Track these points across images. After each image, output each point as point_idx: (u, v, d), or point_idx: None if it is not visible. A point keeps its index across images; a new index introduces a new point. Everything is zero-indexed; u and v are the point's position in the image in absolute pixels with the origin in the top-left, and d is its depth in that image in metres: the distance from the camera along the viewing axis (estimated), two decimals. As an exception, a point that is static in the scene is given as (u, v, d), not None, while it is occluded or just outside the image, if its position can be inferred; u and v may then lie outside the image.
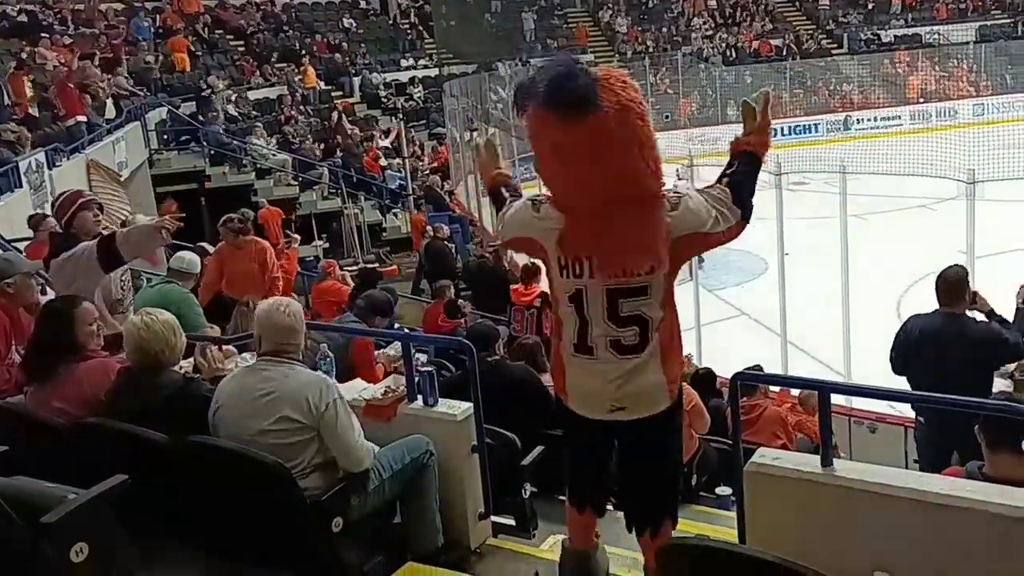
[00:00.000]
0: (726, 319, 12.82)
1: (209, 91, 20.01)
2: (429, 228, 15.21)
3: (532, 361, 5.55)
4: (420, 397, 4.01)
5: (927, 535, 2.96)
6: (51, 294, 4.79)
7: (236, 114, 20.68)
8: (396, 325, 6.60)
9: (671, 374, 3.02)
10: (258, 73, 24.38)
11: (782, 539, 3.05)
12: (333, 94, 25.18)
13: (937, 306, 5.27)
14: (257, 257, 8.02)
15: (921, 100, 28.13)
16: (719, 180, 3.01)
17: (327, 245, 17.26)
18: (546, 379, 5.38)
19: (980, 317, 5.34)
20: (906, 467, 6.18)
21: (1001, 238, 12.36)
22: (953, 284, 5.22)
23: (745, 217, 2.97)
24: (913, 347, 5.29)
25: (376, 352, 5.86)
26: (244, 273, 7.86)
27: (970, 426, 3.37)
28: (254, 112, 21.74)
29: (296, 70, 24.61)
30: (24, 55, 15.50)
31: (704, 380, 7.77)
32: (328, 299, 9.76)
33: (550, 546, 4.14)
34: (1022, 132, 16.49)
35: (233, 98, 21.48)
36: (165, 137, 18.94)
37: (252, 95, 23.05)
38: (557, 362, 3.11)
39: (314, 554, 3.38)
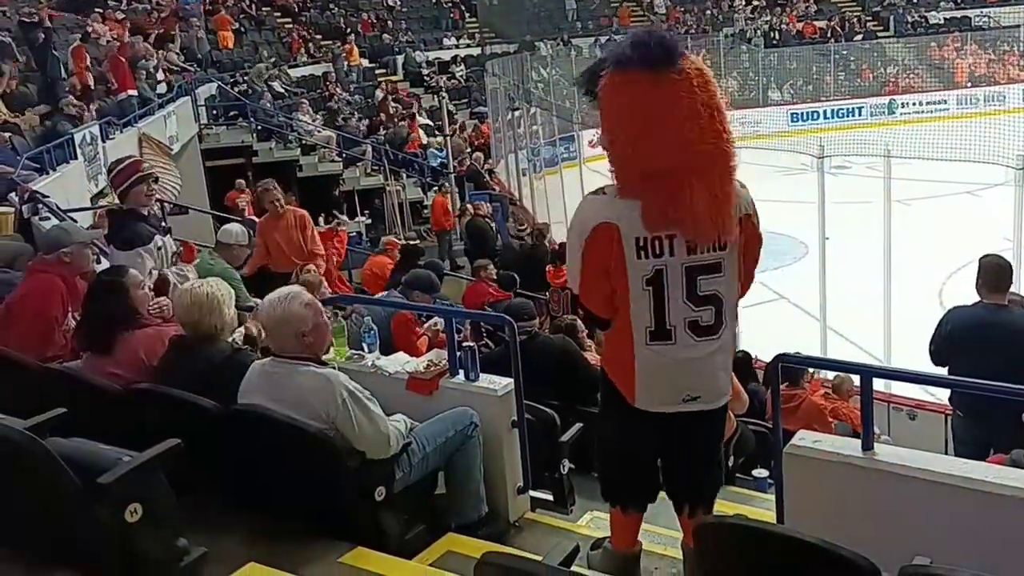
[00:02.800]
0: (765, 302, 12.72)
1: (249, 72, 20.24)
2: (469, 206, 15.25)
3: (572, 338, 5.60)
4: (461, 372, 4.06)
5: (969, 522, 2.95)
6: (105, 263, 4.90)
7: (283, 91, 20.88)
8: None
9: (730, 363, 3.10)
10: (303, 51, 24.54)
11: (820, 522, 3.03)
12: (377, 72, 25.29)
13: (977, 298, 5.12)
14: (298, 223, 8.00)
15: (969, 84, 27.54)
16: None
17: (369, 221, 17.41)
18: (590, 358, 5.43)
19: None
20: (946, 454, 6.14)
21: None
22: (996, 273, 5.06)
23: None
24: (956, 341, 5.11)
25: (425, 325, 5.98)
26: (287, 242, 7.87)
27: (1011, 420, 3.33)
28: (299, 89, 21.92)
29: (341, 47, 24.74)
30: (88, 29, 15.72)
31: (741, 363, 7.75)
32: (374, 271, 9.98)
33: (587, 522, 4.20)
34: (1074, 118, 16.12)
35: (277, 75, 21.66)
36: (214, 112, 19.19)
37: (297, 72, 23.23)
38: (619, 358, 3.03)
39: (356, 522, 3.44)
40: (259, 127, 18.69)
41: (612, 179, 2.94)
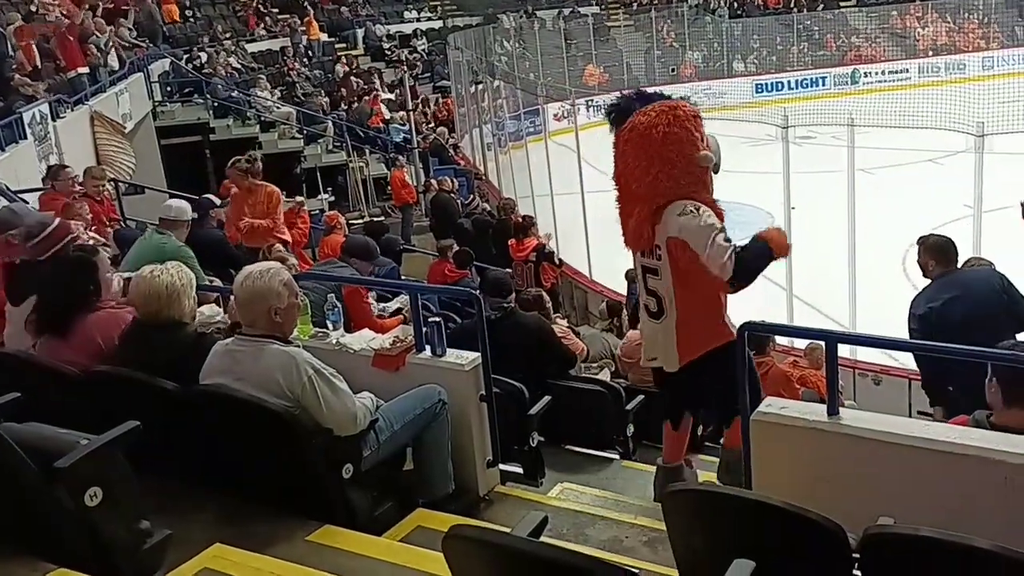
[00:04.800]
0: (732, 273, 12.77)
1: (201, 51, 19.85)
2: (433, 181, 15.14)
3: (539, 310, 5.59)
4: (428, 347, 4.03)
5: (932, 482, 2.99)
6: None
7: (239, 66, 20.51)
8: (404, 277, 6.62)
9: (686, 345, 3.94)
10: (260, 25, 24.14)
11: (788, 487, 3.07)
12: (336, 46, 24.97)
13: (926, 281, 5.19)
14: (266, 200, 7.88)
15: (930, 53, 27.76)
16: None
17: (332, 198, 17.23)
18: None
19: None
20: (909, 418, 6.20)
21: (1010, 192, 12.25)
22: (945, 248, 5.18)
23: (732, 283, 3.80)
24: (935, 319, 4.97)
25: (399, 304, 5.91)
26: (259, 217, 7.76)
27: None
28: (256, 64, 21.56)
29: (299, 21, 24.38)
30: (32, 7, 15.29)
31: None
32: (327, 252, 9.80)
33: (557, 494, 4.20)
34: (1032, 85, 16.27)
35: (233, 50, 21.29)
36: (169, 89, 18.82)
37: (254, 47, 22.85)
38: None
39: (324, 500, 3.42)
40: (215, 104, 18.30)
41: None
